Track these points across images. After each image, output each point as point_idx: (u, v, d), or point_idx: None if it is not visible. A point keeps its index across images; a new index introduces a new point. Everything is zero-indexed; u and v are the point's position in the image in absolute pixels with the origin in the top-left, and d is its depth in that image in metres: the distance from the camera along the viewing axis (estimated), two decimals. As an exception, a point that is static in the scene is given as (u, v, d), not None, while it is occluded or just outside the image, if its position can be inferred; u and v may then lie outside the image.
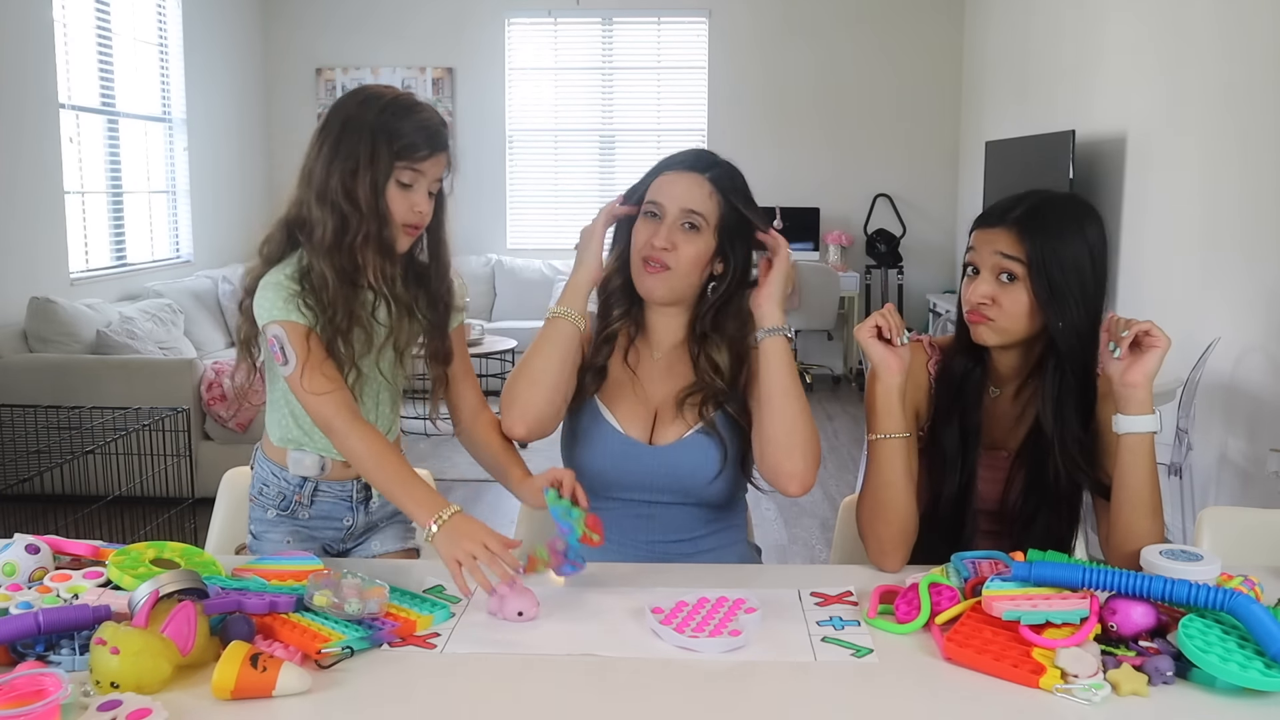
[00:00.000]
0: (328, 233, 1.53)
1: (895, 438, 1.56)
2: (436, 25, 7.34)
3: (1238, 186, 3.74)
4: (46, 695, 1.06)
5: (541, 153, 7.66)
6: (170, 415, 3.76)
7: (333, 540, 1.74)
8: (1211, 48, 3.93)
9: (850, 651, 1.29)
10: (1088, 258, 1.53)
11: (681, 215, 1.64)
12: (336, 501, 1.72)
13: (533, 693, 1.20)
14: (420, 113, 1.56)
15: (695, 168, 1.67)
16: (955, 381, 1.64)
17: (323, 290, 1.54)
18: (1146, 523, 1.48)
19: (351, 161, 1.52)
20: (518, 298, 7.16)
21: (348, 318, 1.55)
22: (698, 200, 1.64)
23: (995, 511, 1.64)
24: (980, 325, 1.57)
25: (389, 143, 1.52)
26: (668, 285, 1.66)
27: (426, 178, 1.56)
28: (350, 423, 1.52)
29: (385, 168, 1.52)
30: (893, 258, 7.24)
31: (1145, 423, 1.46)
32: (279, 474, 1.70)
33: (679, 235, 1.64)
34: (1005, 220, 1.55)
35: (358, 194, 1.52)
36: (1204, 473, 3.90)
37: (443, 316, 1.68)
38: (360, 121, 1.53)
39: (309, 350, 1.52)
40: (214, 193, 6.71)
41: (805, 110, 7.36)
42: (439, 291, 1.67)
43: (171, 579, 1.26)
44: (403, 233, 1.57)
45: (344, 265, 1.54)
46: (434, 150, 1.56)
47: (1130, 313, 1.49)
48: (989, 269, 1.55)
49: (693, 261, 1.65)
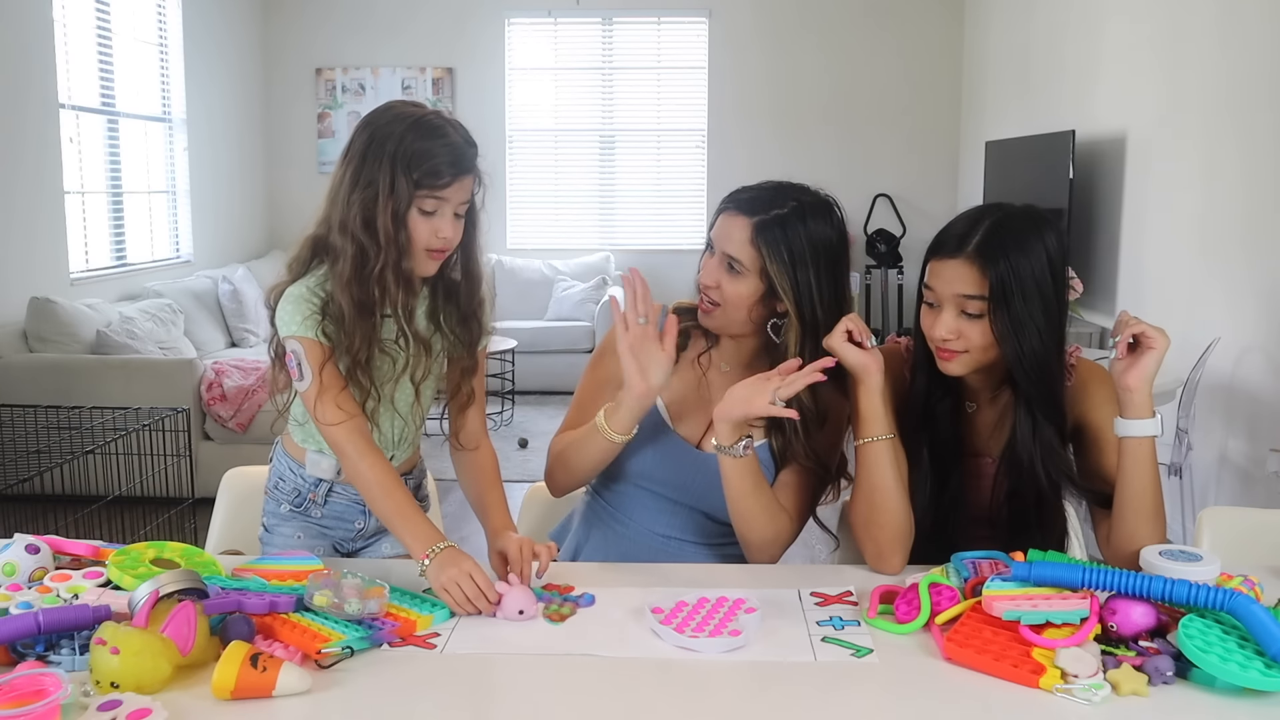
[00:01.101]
0: (347, 264, 1.51)
1: (882, 439, 1.55)
2: (436, 25, 7.34)
3: (1238, 186, 3.74)
4: (46, 695, 1.06)
5: (541, 153, 7.66)
6: (170, 415, 3.76)
7: (343, 540, 1.75)
8: (1211, 48, 3.93)
9: (850, 651, 1.29)
10: (1047, 272, 1.49)
11: (723, 258, 1.62)
12: (349, 504, 1.72)
13: (533, 693, 1.20)
14: (445, 136, 1.51)
15: (745, 211, 1.61)
16: (922, 408, 1.62)
17: (340, 321, 1.52)
18: (1148, 527, 1.47)
19: (371, 190, 1.49)
20: (518, 298, 7.16)
21: (366, 347, 1.54)
22: (736, 247, 1.61)
23: (985, 518, 1.64)
24: (950, 360, 1.55)
25: (408, 171, 1.48)
26: (717, 322, 1.67)
27: (450, 203, 1.52)
28: (362, 451, 1.52)
29: (406, 197, 1.49)
30: (893, 258, 7.24)
31: (1144, 426, 1.45)
32: (296, 470, 1.71)
33: (723, 275, 1.62)
34: (963, 250, 1.50)
35: (377, 225, 1.49)
36: (1204, 473, 3.90)
37: (474, 334, 1.66)
38: (381, 149, 1.49)
39: (324, 378, 1.52)
40: (214, 193, 6.72)
41: (805, 110, 7.36)
42: (470, 308, 1.65)
43: (171, 579, 1.26)
44: (428, 258, 1.55)
45: (362, 298, 1.51)
46: (458, 175, 1.51)
47: (1130, 312, 1.48)
48: (950, 306, 1.52)
49: (737, 301, 1.62)
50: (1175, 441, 3.64)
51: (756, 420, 1.59)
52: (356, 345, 1.52)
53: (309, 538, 1.72)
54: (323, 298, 1.54)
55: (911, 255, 7.25)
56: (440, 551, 1.44)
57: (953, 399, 1.64)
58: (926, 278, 1.56)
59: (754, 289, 1.62)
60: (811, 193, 1.64)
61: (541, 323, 6.91)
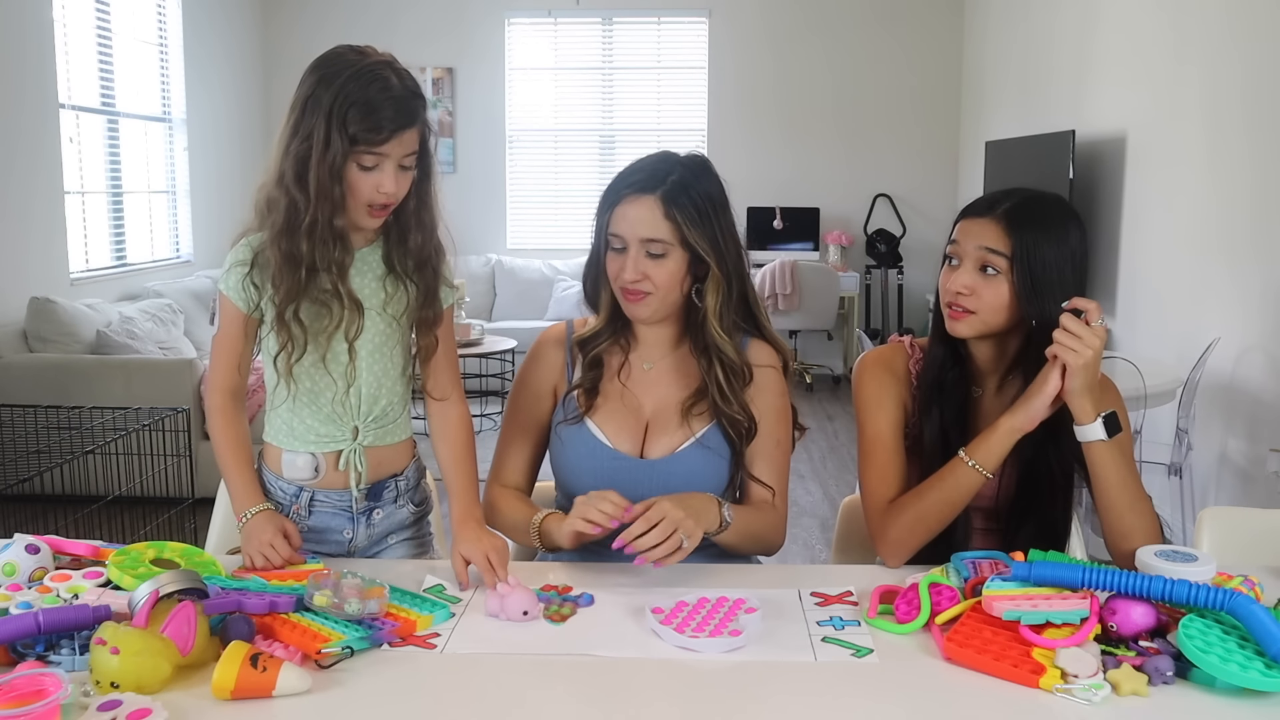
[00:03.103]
0: (280, 216, 1.48)
1: (983, 473, 1.54)
2: (436, 25, 7.35)
3: (1238, 186, 3.74)
4: (46, 695, 1.06)
5: (541, 153, 7.66)
6: (170, 415, 3.76)
7: (335, 556, 1.67)
8: (1211, 48, 3.93)
9: (850, 651, 1.29)
10: (1069, 261, 1.53)
11: (642, 246, 1.61)
12: (335, 512, 1.65)
13: (533, 693, 1.20)
14: (387, 87, 1.44)
15: (646, 189, 1.60)
16: (934, 379, 1.64)
17: (269, 271, 1.52)
18: (1131, 518, 1.50)
19: (306, 145, 1.44)
20: (518, 298, 7.16)
21: (295, 299, 1.51)
22: (652, 227, 1.59)
23: (989, 509, 1.64)
24: (958, 320, 1.57)
25: (344, 127, 1.42)
26: (652, 308, 1.65)
27: (391, 158, 1.47)
28: (222, 408, 1.60)
29: (341, 153, 1.43)
30: (893, 258, 7.25)
31: (1087, 432, 1.49)
32: (275, 483, 1.66)
33: (646, 264, 1.61)
34: (993, 212, 1.55)
35: (309, 179, 1.44)
36: (1204, 473, 3.90)
37: (431, 282, 1.60)
38: (319, 101, 1.43)
39: (229, 335, 1.58)
40: (214, 193, 6.71)
41: (805, 110, 7.37)
42: (424, 255, 1.59)
43: (171, 579, 1.26)
44: (367, 213, 1.51)
45: (290, 250, 1.49)
46: (398, 129, 1.45)
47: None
48: (971, 261, 1.55)
49: (669, 282, 1.62)
50: (1175, 441, 3.64)
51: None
52: (282, 296, 1.51)
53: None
54: (255, 249, 1.54)
55: (911, 255, 7.26)
56: (252, 517, 1.52)
57: (961, 376, 1.64)
58: (953, 236, 1.59)
59: (680, 263, 1.62)
60: (683, 155, 1.68)
61: (541, 323, 6.90)
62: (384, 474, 1.68)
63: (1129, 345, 4.47)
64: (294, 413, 1.62)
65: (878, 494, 1.62)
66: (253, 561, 1.49)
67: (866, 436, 1.66)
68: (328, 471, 1.64)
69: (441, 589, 1.46)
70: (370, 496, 1.66)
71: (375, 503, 1.67)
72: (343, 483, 1.64)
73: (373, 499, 1.67)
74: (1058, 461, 1.58)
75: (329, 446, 1.62)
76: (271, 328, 1.55)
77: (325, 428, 1.62)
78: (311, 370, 1.59)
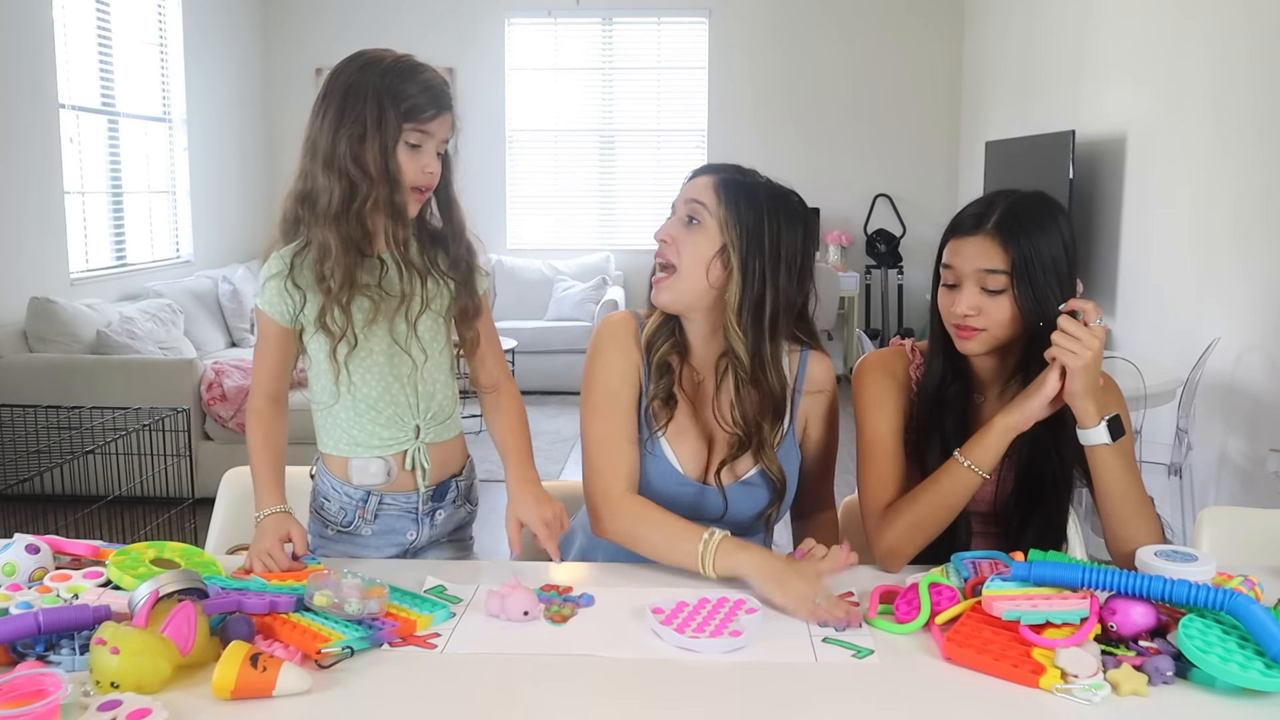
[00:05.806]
0: (334, 200, 1.51)
1: (979, 474, 1.53)
2: (436, 25, 7.35)
3: (1238, 186, 3.74)
4: (46, 695, 1.06)
5: (541, 153, 7.66)
6: (170, 415, 3.76)
7: (396, 558, 1.68)
8: (1210, 48, 3.93)
9: (850, 652, 1.29)
10: (1063, 253, 1.53)
11: (685, 207, 1.61)
12: (401, 514, 1.66)
13: (533, 693, 1.20)
14: (423, 73, 1.55)
15: (710, 170, 1.64)
16: (935, 395, 1.62)
17: (324, 259, 1.52)
18: (1134, 523, 1.50)
19: (359, 126, 1.50)
20: (518, 298, 7.16)
21: (349, 287, 1.53)
22: (699, 190, 1.60)
23: (988, 513, 1.64)
24: (969, 339, 1.55)
25: (395, 105, 1.50)
26: (674, 291, 1.60)
27: (434, 138, 1.55)
28: (261, 409, 1.60)
29: (394, 130, 1.51)
30: (893, 258, 7.25)
31: (1090, 435, 1.48)
32: (340, 489, 1.65)
33: (680, 230, 1.60)
34: (982, 228, 1.53)
35: (366, 159, 1.50)
36: (1204, 473, 3.90)
37: (467, 275, 1.64)
38: (363, 86, 1.51)
39: (268, 346, 1.60)
40: (214, 193, 6.71)
41: (805, 110, 7.36)
42: (459, 251, 1.64)
43: (171, 579, 1.26)
44: (411, 196, 1.56)
45: (350, 233, 1.52)
46: (440, 110, 1.55)
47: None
48: (971, 282, 1.53)
49: (694, 259, 1.58)
50: (1175, 441, 3.64)
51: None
52: (339, 282, 1.52)
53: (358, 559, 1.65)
54: (289, 262, 1.56)
55: (911, 255, 7.26)
56: (264, 518, 1.53)
57: (963, 389, 1.63)
58: (945, 258, 1.57)
59: (712, 241, 1.57)
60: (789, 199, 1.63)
61: (542, 323, 6.91)
62: (446, 473, 1.70)
63: (1129, 345, 4.47)
64: (354, 422, 1.63)
65: (875, 499, 1.61)
66: (252, 565, 1.50)
67: (865, 440, 1.65)
68: (398, 474, 1.66)
69: (442, 589, 1.46)
70: (435, 497, 1.69)
71: (439, 503, 1.70)
72: (408, 484, 1.66)
73: (437, 499, 1.69)
74: (1057, 464, 1.57)
75: (394, 448, 1.64)
76: (317, 329, 1.56)
77: (388, 431, 1.63)
78: (368, 376, 1.60)
